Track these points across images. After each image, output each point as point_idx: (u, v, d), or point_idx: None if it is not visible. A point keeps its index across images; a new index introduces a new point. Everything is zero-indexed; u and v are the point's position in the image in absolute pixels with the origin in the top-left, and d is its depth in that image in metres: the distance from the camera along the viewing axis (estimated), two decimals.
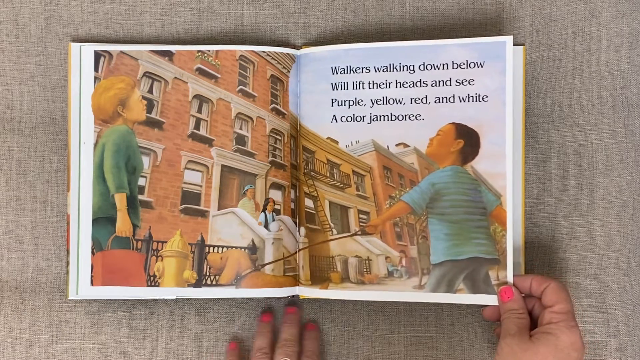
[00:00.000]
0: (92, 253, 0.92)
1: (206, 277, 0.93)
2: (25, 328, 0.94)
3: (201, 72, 0.94)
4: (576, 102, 0.96)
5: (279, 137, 0.94)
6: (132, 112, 0.93)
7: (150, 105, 0.93)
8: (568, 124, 0.96)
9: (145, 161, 0.92)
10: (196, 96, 0.94)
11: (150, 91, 0.93)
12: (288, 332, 0.94)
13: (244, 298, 0.95)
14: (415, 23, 0.97)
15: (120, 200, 0.92)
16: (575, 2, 0.96)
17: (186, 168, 0.93)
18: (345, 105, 0.93)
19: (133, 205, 0.92)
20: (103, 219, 0.92)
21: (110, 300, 0.95)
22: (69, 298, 0.93)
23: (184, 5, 0.97)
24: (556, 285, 0.85)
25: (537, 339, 0.82)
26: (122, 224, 0.92)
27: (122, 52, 0.93)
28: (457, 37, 0.96)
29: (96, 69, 0.93)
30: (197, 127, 0.93)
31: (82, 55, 0.93)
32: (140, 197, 0.92)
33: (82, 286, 0.92)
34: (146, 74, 0.93)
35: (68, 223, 0.93)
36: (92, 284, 0.92)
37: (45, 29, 0.96)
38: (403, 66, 0.93)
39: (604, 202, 0.95)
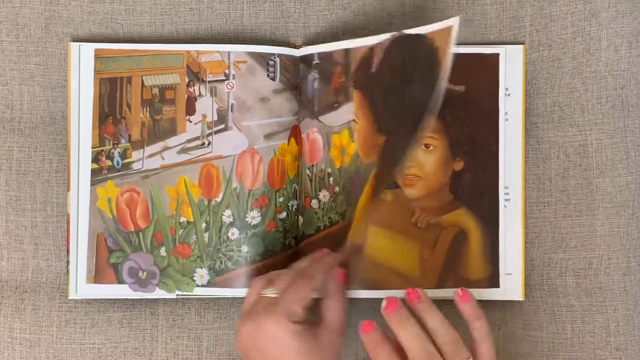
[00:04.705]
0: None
1: None
2: (25, 328, 0.93)
3: None
4: (576, 102, 0.96)
5: None
6: None
7: None
8: (568, 124, 0.96)
9: None
10: None
11: None
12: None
13: (244, 298, 0.95)
14: (415, 23, 0.97)
15: None
16: (575, 2, 0.96)
17: None
18: None
19: None
20: None
21: (110, 300, 0.95)
22: (69, 298, 0.93)
23: (184, 5, 0.97)
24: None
25: None
26: None
27: None
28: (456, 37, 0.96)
29: None
30: None
31: (81, 55, 0.93)
32: None
33: (81, 286, 0.93)
34: None
35: (68, 223, 0.93)
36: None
37: (45, 29, 0.96)
38: None
39: (604, 202, 0.95)
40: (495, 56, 0.94)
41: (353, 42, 0.93)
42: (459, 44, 0.96)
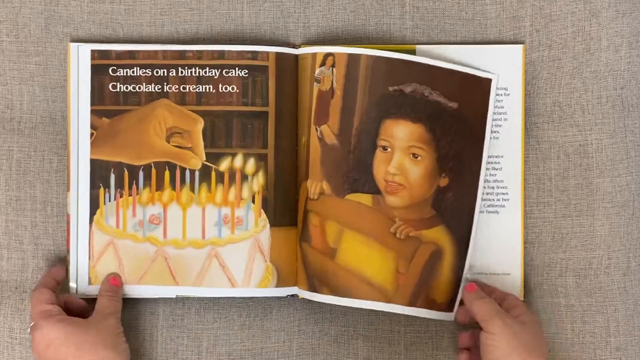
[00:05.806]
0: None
1: None
2: (25, 328, 0.93)
3: None
4: (576, 102, 0.96)
5: None
6: None
7: None
8: (568, 124, 0.96)
9: None
10: None
11: None
12: None
13: (243, 298, 0.95)
14: (415, 23, 0.97)
15: None
16: (575, 2, 0.96)
17: None
18: None
19: None
20: None
21: None
22: None
23: (184, 5, 0.97)
24: (514, 295, 0.90)
25: (524, 320, 0.85)
26: None
27: None
28: (456, 36, 0.96)
29: None
30: None
31: (80, 55, 0.93)
32: None
33: (81, 285, 0.93)
34: None
35: (68, 223, 0.93)
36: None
37: (45, 29, 0.96)
38: None
39: (604, 202, 0.95)
40: (488, 81, 0.93)
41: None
42: (459, 43, 0.96)
